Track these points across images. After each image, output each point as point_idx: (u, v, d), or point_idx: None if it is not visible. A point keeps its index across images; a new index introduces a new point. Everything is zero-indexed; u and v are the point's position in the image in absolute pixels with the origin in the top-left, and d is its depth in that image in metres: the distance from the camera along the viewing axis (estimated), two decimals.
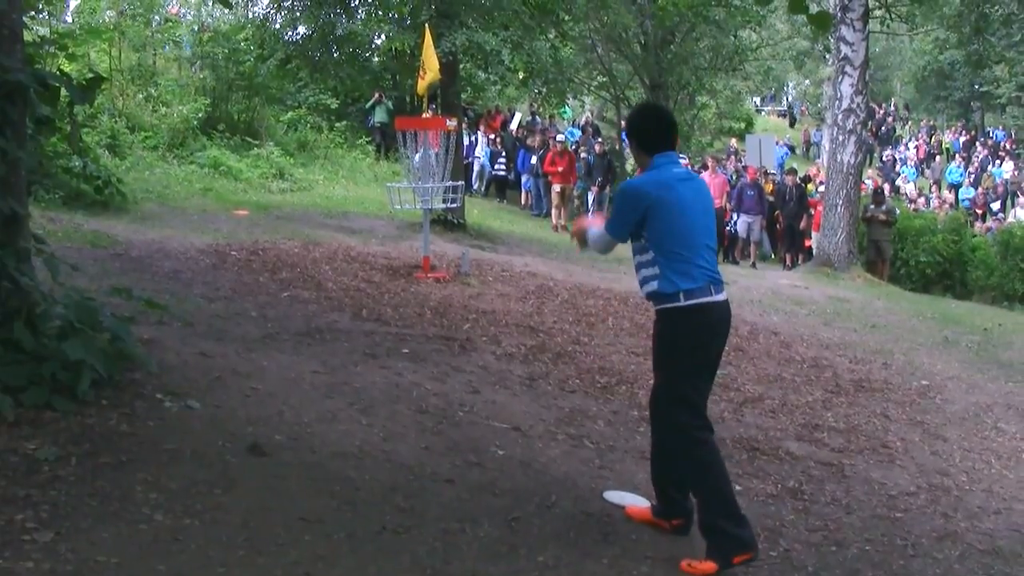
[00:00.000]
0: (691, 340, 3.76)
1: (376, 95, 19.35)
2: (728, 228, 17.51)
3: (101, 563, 2.88)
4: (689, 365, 3.79)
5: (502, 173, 20.00)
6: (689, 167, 16.50)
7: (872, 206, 16.27)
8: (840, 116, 14.75)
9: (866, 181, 19.54)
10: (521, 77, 14.95)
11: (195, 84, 17.23)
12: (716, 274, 3.81)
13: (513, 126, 22.24)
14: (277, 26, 13.61)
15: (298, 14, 13.29)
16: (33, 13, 10.85)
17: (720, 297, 3.80)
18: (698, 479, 3.80)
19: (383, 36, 14.35)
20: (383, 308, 7.43)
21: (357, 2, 13.99)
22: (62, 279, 4.41)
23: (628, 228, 3.83)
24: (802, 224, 16.77)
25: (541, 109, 23.65)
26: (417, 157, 9.50)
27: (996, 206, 26.56)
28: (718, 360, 3.95)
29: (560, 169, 17.42)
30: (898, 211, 17.27)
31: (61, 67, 10.58)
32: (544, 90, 16.30)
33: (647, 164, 3.88)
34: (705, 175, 16.76)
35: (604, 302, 8.98)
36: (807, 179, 20.24)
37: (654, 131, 3.89)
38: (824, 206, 15.19)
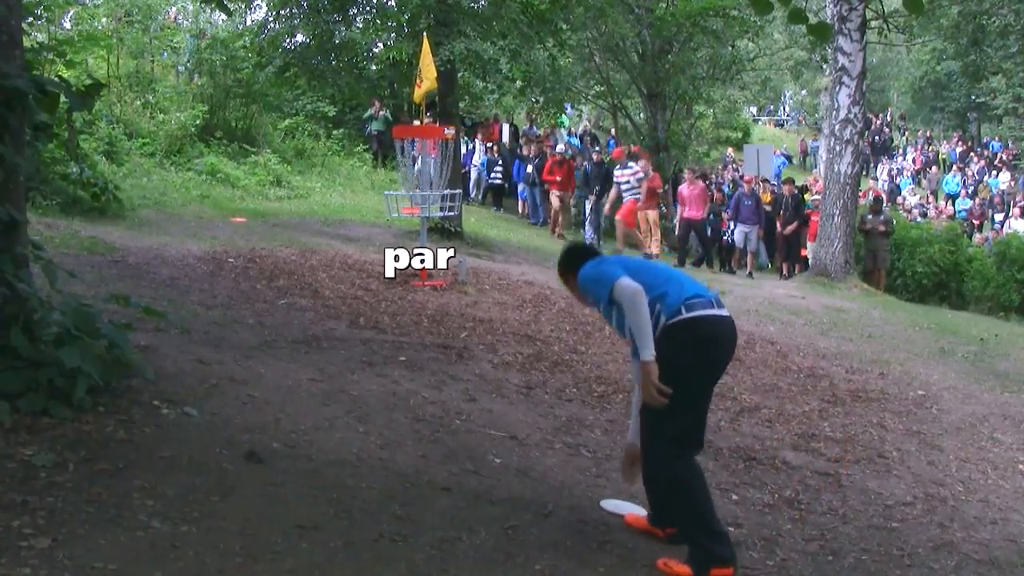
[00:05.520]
0: (690, 352, 3.73)
1: (375, 105, 19.35)
2: (725, 238, 17.54)
3: (98, 570, 2.87)
4: (685, 380, 3.72)
5: (498, 181, 20.03)
6: (690, 174, 16.38)
7: (870, 216, 16.28)
8: (837, 126, 14.79)
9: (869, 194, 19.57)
10: (519, 86, 14.94)
11: (193, 91, 17.24)
12: (709, 293, 3.85)
13: (505, 137, 22.27)
14: (275, 33, 13.60)
15: (296, 22, 13.29)
16: (32, 19, 10.87)
17: (723, 312, 3.81)
18: (677, 495, 3.80)
19: (381, 44, 14.35)
20: (380, 316, 7.43)
21: (355, 10, 14.01)
22: (59, 286, 4.41)
23: (618, 267, 3.83)
24: (793, 229, 16.72)
25: (539, 118, 23.67)
26: (416, 165, 9.52)
27: (1000, 217, 26.63)
28: (715, 379, 3.92)
29: (558, 178, 17.50)
30: (895, 221, 17.31)
31: (59, 73, 10.62)
32: (542, 99, 16.29)
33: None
34: (683, 187, 16.69)
35: None
36: (805, 188, 20.29)
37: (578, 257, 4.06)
38: (821, 216, 15.22)
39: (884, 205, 18.53)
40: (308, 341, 6.20)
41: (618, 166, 16.17)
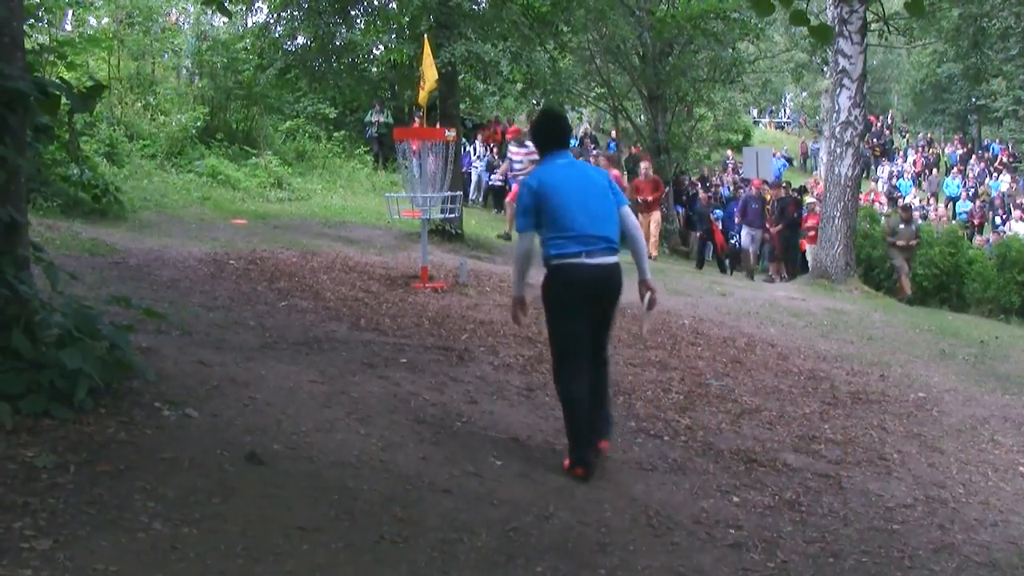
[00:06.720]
0: (554, 292, 4.75)
1: (375, 108, 19.35)
2: (732, 241, 17.51)
3: (99, 571, 2.88)
4: (555, 313, 4.79)
5: (498, 183, 20.03)
6: (595, 159, 16.27)
7: (902, 226, 16.13)
8: (838, 128, 14.77)
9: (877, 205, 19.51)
10: (520, 88, 14.95)
11: (194, 93, 17.25)
12: (596, 242, 4.62)
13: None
14: (276, 35, 13.61)
15: (297, 24, 13.29)
16: (33, 21, 10.88)
17: (590, 261, 4.61)
18: (563, 406, 4.90)
19: (382, 46, 14.36)
20: (381, 318, 7.43)
21: (356, 12, 14.01)
22: (60, 287, 4.41)
23: (531, 217, 4.68)
24: (778, 231, 16.62)
25: None
26: (416, 167, 9.51)
27: (1000, 219, 26.66)
28: (591, 313, 4.74)
29: None
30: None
31: (60, 75, 10.63)
32: (543, 101, 16.30)
33: (543, 160, 4.89)
34: None
35: None
36: (804, 189, 20.26)
37: (544, 135, 4.92)
38: (822, 218, 15.20)
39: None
40: (309, 343, 6.20)
41: (513, 143, 15.86)
